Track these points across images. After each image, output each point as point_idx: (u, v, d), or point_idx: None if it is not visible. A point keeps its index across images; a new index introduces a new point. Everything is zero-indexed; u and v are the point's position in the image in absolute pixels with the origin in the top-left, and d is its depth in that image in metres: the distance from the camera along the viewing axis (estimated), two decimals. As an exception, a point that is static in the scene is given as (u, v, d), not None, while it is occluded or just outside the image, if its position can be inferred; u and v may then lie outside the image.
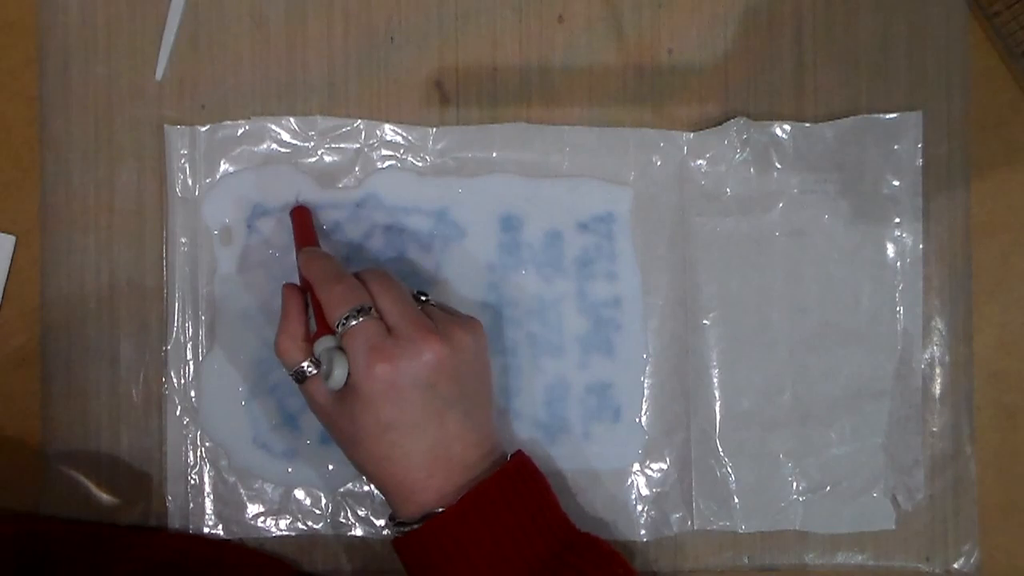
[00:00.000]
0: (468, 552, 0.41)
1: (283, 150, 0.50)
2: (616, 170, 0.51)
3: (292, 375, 0.45)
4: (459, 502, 0.41)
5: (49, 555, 0.46)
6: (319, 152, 0.50)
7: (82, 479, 0.50)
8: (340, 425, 0.43)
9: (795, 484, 0.51)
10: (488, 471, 0.43)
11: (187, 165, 0.50)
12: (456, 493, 0.42)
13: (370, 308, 0.43)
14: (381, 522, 0.50)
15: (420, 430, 0.42)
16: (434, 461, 0.42)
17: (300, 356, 0.44)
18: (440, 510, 0.42)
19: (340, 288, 0.43)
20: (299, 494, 0.50)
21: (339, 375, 0.42)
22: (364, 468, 0.44)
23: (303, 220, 0.49)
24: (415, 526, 0.42)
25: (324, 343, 0.43)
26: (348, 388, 0.42)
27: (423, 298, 0.46)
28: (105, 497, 0.50)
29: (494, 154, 0.51)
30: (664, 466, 0.51)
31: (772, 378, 0.51)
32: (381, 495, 0.46)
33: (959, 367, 0.51)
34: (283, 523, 0.50)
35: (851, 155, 0.51)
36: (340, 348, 0.43)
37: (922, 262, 0.51)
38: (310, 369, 0.44)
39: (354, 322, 0.42)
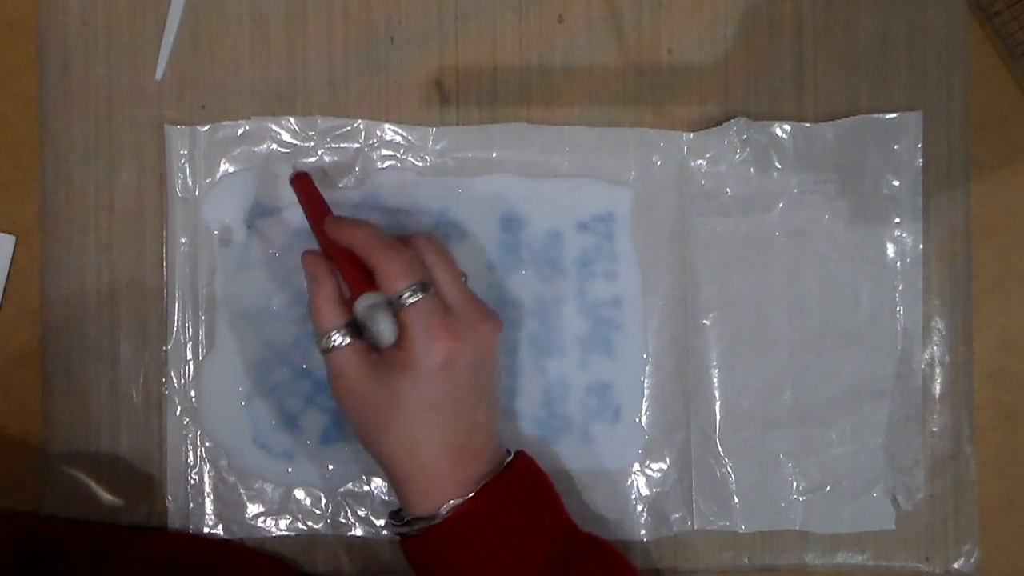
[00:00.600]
0: (479, 554, 0.41)
1: (283, 150, 0.50)
2: (616, 170, 0.51)
3: (324, 342, 0.43)
4: (468, 503, 0.41)
5: (49, 555, 0.46)
6: (319, 152, 0.50)
7: (82, 479, 0.50)
8: (376, 403, 0.42)
9: (795, 484, 0.51)
10: (494, 462, 0.43)
11: (187, 165, 0.50)
12: (470, 484, 0.41)
13: (429, 285, 0.42)
14: (381, 522, 0.50)
15: (459, 413, 0.41)
16: (462, 447, 0.42)
17: (338, 320, 0.42)
18: (452, 502, 0.41)
19: (400, 258, 0.42)
20: (299, 494, 0.50)
21: (388, 331, 0.41)
22: (392, 452, 0.42)
23: (308, 188, 0.48)
24: (432, 522, 0.41)
25: (368, 300, 0.42)
26: (399, 363, 0.41)
27: (463, 279, 0.45)
28: (105, 497, 0.50)
29: (494, 154, 0.51)
30: (664, 466, 0.51)
31: (772, 378, 0.51)
32: (391, 487, 0.45)
33: (959, 367, 0.51)
34: (283, 523, 0.50)
35: (851, 155, 0.51)
36: (382, 306, 0.41)
37: (922, 262, 0.51)
38: (342, 339, 0.42)
39: (413, 299, 0.41)
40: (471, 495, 0.41)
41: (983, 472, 0.51)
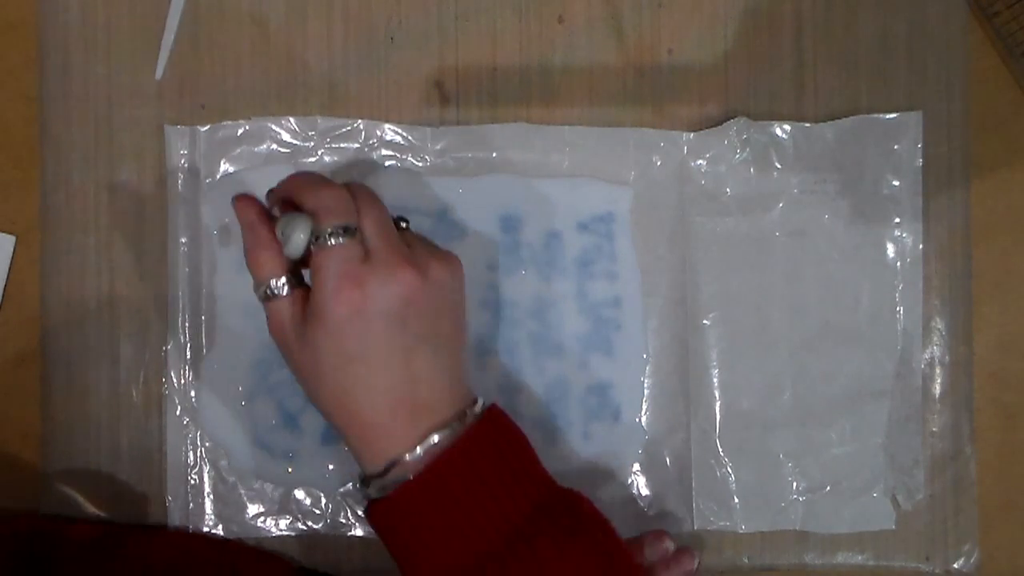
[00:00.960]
0: (433, 524, 0.39)
1: (283, 150, 0.50)
2: (616, 170, 0.51)
3: (260, 291, 0.42)
4: (427, 469, 0.39)
5: (49, 555, 0.46)
6: (319, 152, 0.50)
7: (82, 479, 0.50)
8: (300, 353, 0.41)
9: (795, 484, 0.51)
10: (455, 419, 0.41)
11: (187, 165, 0.50)
12: (420, 439, 0.39)
13: (355, 230, 0.40)
14: (381, 522, 0.50)
15: (385, 366, 0.39)
16: (398, 402, 0.40)
17: (276, 271, 0.41)
18: (405, 457, 0.39)
19: (330, 195, 0.40)
20: (299, 494, 0.50)
21: (297, 241, 0.39)
22: (324, 404, 0.41)
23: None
24: (383, 480, 0.40)
25: (291, 216, 0.40)
26: (312, 314, 0.40)
27: (403, 224, 0.44)
28: (105, 497, 0.50)
29: (494, 154, 0.51)
30: (664, 466, 0.51)
31: (772, 378, 0.51)
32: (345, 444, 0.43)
33: (959, 367, 0.51)
34: (283, 523, 0.50)
35: (851, 155, 0.51)
36: (304, 216, 0.40)
37: (922, 262, 0.51)
38: (282, 288, 0.41)
39: (334, 240, 0.39)
40: (420, 456, 0.39)
41: (983, 472, 0.51)
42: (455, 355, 0.43)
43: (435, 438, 0.40)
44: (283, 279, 0.41)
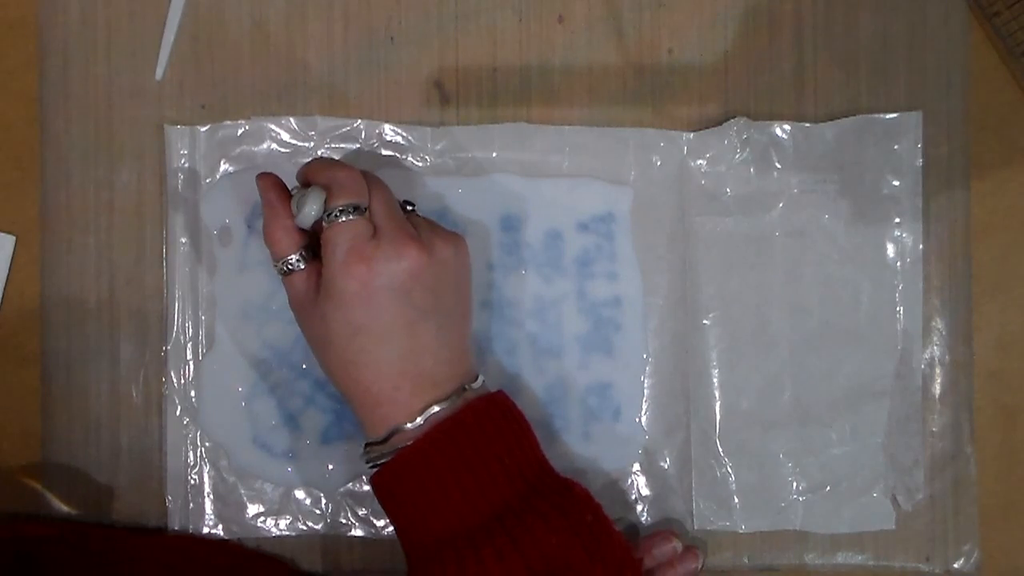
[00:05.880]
0: (430, 489, 0.41)
1: (283, 150, 0.50)
2: (616, 170, 0.51)
3: (278, 266, 0.44)
4: (424, 436, 0.41)
5: (48, 558, 0.46)
6: (319, 152, 0.50)
7: (82, 479, 0.50)
8: (313, 324, 0.43)
9: (795, 484, 0.51)
10: (457, 392, 0.42)
11: (187, 165, 0.50)
12: (422, 410, 0.41)
13: (366, 209, 0.42)
14: (381, 522, 0.50)
15: (390, 338, 0.41)
16: (402, 373, 0.42)
17: (291, 248, 0.43)
18: (404, 427, 0.41)
19: (346, 175, 0.42)
20: (299, 494, 0.50)
21: (308, 212, 0.42)
22: (333, 373, 0.43)
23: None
24: (382, 446, 0.41)
25: (305, 190, 0.42)
26: (323, 287, 0.42)
27: (409, 208, 0.46)
28: (105, 497, 0.50)
29: (494, 154, 0.51)
30: (664, 466, 0.51)
31: (772, 378, 0.51)
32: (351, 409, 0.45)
33: (959, 367, 0.51)
34: (283, 523, 0.50)
35: (851, 155, 0.51)
36: (319, 189, 0.42)
37: (922, 262, 0.51)
38: (298, 263, 0.43)
39: (344, 217, 0.41)
40: (420, 424, 0.41)
41: (983, 472, 0.51)
42: (459, 331, 0.44)
43: (435, 408, 0.42)
44: (298, 255, 0.43)
